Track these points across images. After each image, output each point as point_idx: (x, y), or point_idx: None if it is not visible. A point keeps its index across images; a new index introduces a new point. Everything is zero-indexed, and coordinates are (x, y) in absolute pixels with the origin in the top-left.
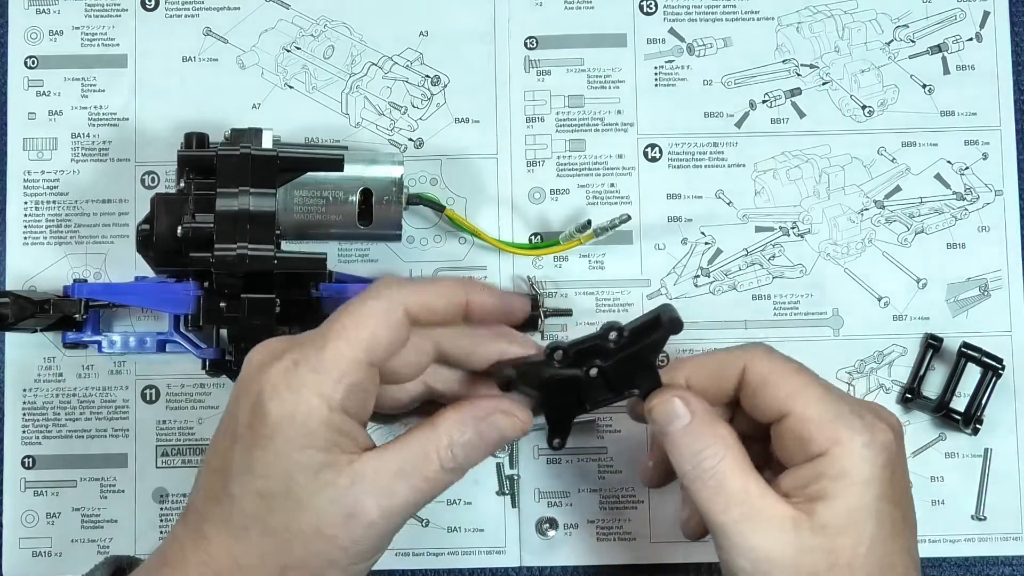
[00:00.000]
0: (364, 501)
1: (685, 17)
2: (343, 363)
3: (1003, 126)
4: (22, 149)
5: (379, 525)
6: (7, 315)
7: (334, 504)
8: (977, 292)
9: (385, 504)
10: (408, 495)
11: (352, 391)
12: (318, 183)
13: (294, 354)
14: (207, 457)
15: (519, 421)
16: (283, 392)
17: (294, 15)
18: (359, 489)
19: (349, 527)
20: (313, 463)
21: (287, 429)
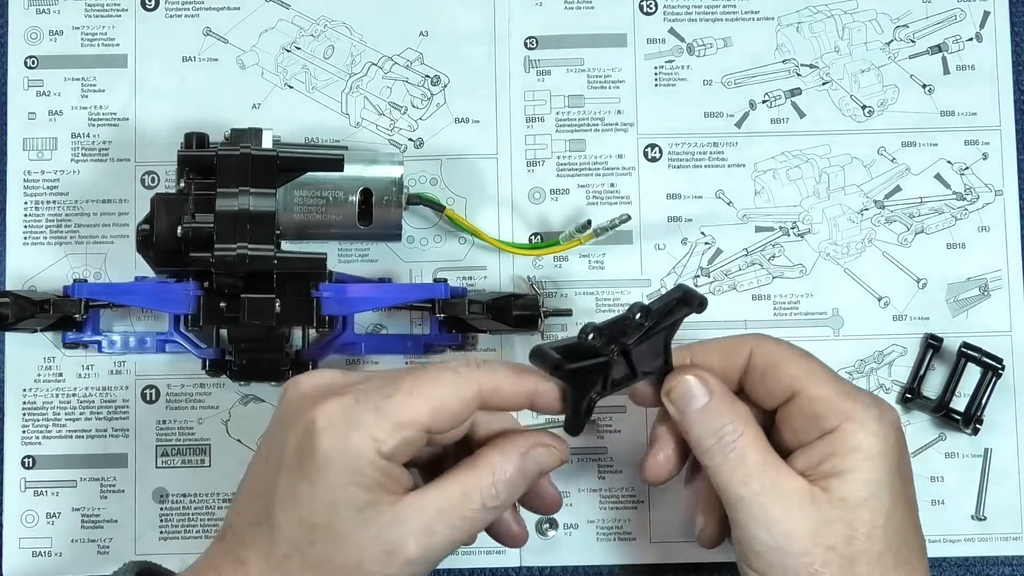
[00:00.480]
0: (405, 540)
1: (685, 17)
2: (405, 415)
3: (1003, 126)
4: (22, 149)
5: (417, 563)
6: (7, 315)
7: (375, 541)
8: (977, 292)
9: (424, 543)
10: (448, 534)
11: (405, 445)
12: (318, 183)
13: (356, 393)
14: (249, 480)
15: (557, 451)
16: (339, 426)
17: (294, 15)
18: (400, 528)
19: (388, 564)
20: (358, 500)
21: (337, 464)
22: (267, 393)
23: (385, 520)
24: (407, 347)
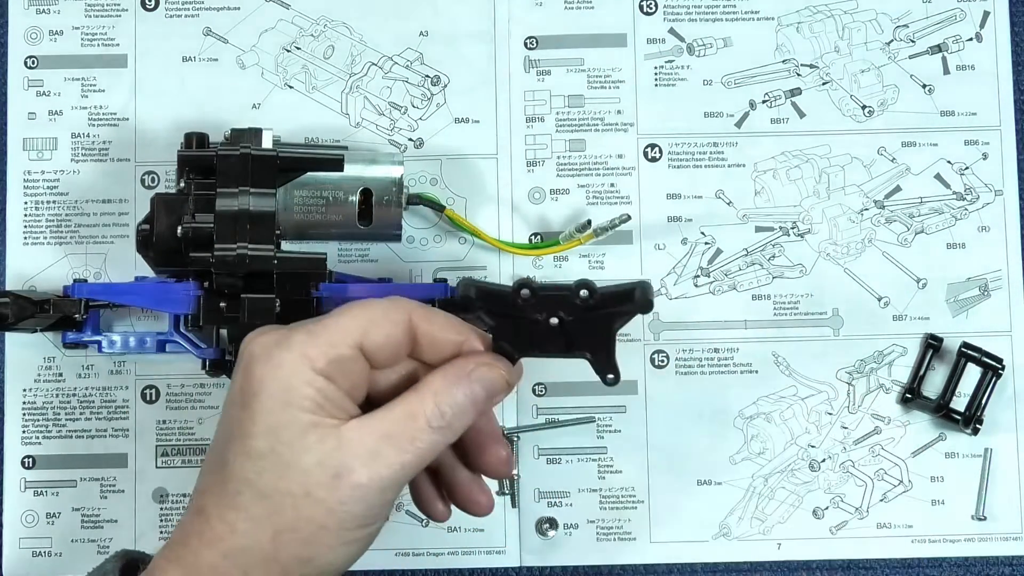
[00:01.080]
0: (350, 463)
1: (685, 17)
2: (337, 334)
3: (1003, 126)
4: (22, 149)
5: (367, 488)
6: (7, 315)
7: (320, 466)
8: (977, 292)
9: (372, 467)
10: (396, 457)
11: (338, 361)
12: (318, 183)
13: (289, 328)
14: (213, 437)
15: (503, 372)
16: (272, 352)
17: (294, 15)
18: (345, 452)
19: (337, 489)
20: (298, 423)
21: (270, 385)
22: None
23: (329, 444)
24: None
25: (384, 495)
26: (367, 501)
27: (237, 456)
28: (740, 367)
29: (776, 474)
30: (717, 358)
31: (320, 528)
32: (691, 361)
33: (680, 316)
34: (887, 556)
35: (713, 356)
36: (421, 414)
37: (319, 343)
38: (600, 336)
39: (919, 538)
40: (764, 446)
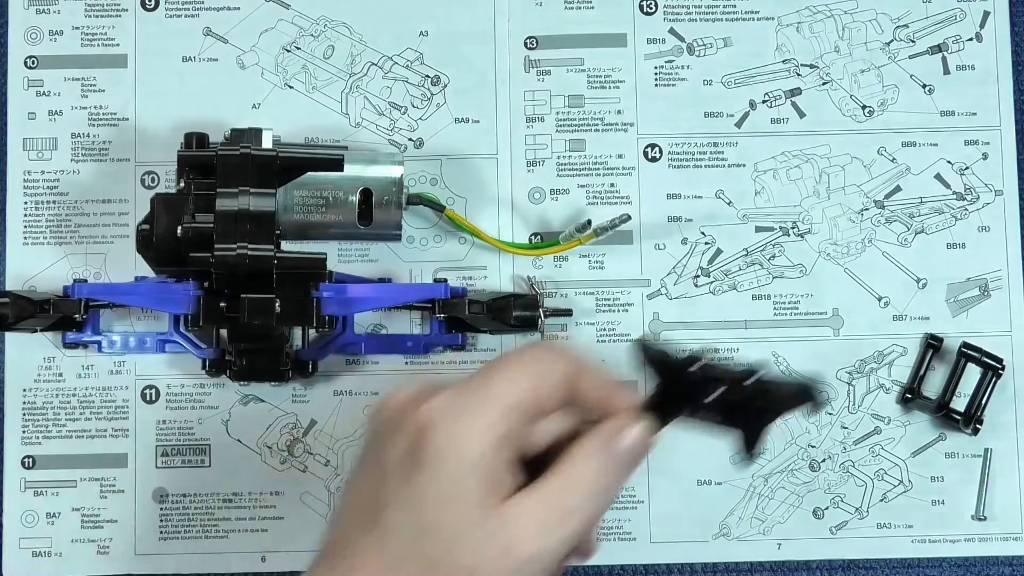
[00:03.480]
0: (519, 537)
1: (685, 17)
2: (510, 399)
3: (1003, 126)
4: (22, 149)
5: (533, 563)
6: (7, 315)
7: (490, 540)
8: (977, 292)
9: (539, 540)
10: (560, 529)
11: (512, 432)
12: (318, 183)
13: (457, 388)
14: (350, 498)
15: (650, 439)
16: (449, 419)
17: (294, 15)
18: (514, 526)
19: (505, 564)
20: (471, 496)
21: (449, 457)
22: (267, 393)
23: (497, 517)
24: (407, 347)
25: (551, 565)
26: (533, 573)
27: (403, 523)
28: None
29: (776, 474)
30: (717, 358)
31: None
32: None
33: (680, 316)
34: (887, 556)
35: (713, 356)
36: (580, 486)
37: (497, 410)
38: (757, 420)
39: (919, 538)
40: (764, 446)
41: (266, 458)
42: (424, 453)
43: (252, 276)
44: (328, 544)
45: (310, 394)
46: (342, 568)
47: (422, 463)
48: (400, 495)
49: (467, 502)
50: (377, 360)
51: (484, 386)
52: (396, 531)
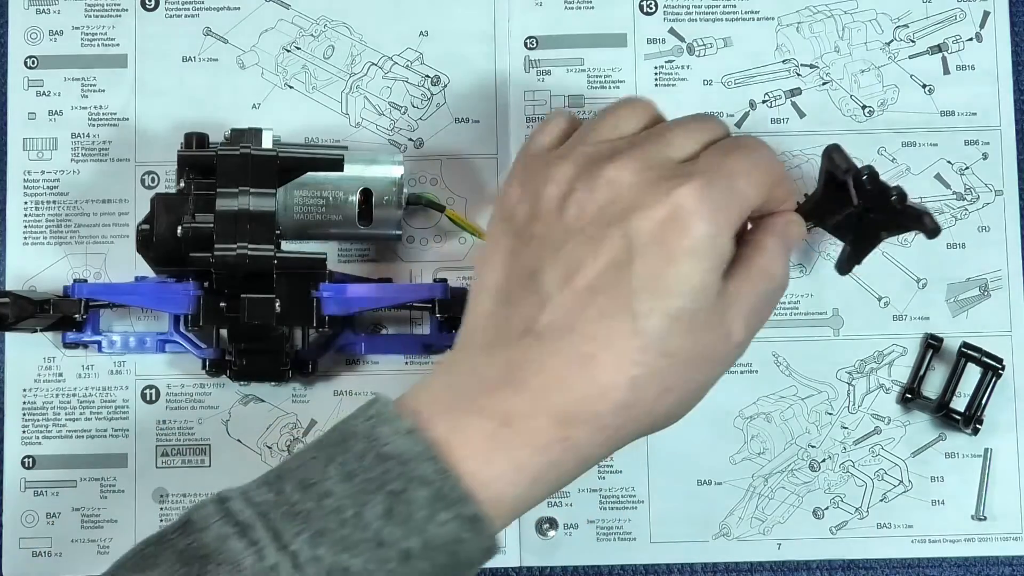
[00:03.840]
0: (737, 323)
1: (685, 17)
2: (752, 200)
3: (1003, 126)
4: (22, 149)
5: (741, 349)
6: (7, 315)
7: (719, 326)
8: (977, 292)
9: (749, 328)
10: (763, 317)
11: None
12: (318, 183)
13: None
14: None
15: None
16: (705, 213)
17: (294, 15)
18: (734, 314)
19: (726, 350)
20: (716, 286)
21: (706, 249)
22: (267, 393)
23: (722, 306)
24: (407, 347)
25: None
26: (733, 361)
27: (654, 311)
28: (740, 367)
29: (776, 474)
30: None
31: (701, 387)
32: None
33: None
34: (887, 556)
35: None
36: (775, 274)
37: (742, 209)
38: (872, 235)
39: (919, 538)
40: (764, 446)
41: (266, 458)
42: (682, 242)
43: (252, 276)
44: (537, 330)
45: (310, 394)
46: (570, 357)
47: (677, 253)
48: (653, 283)
49: (711, 293)
50: (377, 360)
51: (730, 185)
52: (645, 320)
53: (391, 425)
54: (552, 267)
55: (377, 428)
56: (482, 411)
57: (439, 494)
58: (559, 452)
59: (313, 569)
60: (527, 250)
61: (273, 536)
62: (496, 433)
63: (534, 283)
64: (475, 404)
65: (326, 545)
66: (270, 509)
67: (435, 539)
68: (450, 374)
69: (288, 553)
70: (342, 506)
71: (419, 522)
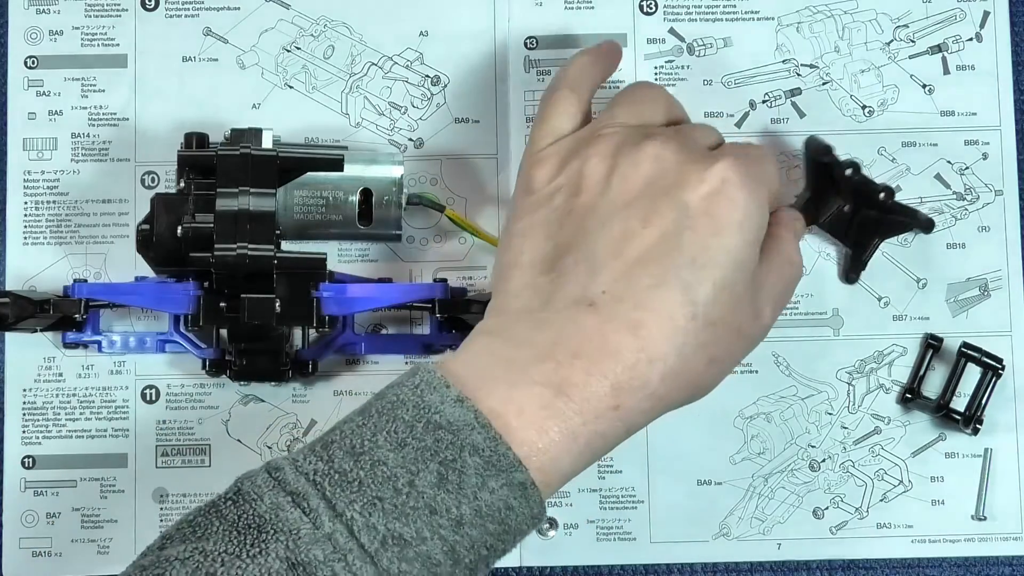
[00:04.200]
0: (766, 304)
1: (685, 17)
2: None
3: (1003, 126)
4: (22, 149)
5: (767, 328)
6: (7, 315)
7: (751, 303)
8: (977, 292)
9: (776, 309)
10: (786, 300)
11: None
12: (318, 183)
13: (741, 158)
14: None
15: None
16: (749, 188)
17: (294, 15)
18: (763, 295)
19: (755, 327)
20: (753, 261)
21: (750, 220)
22: (267, 393)
23: (756, 285)
24: (407, 347)
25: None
26: (755, 344)
27: (701, 281)
28: (740, 367)
29: (776, 474)
30: None
31: (734, 362)
32: None
33: None
34: (887, 556)
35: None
36: (795, 261)
37: (772, 191)
38: (869, 237)
39: (919, 538)
40: (764, 446)
41: (266, 458)
42: (731, 215)
43: (252, 276)
44: (589, 297)
45: (310, 394)
46: (619, 325)
47: (725, 224)
48: (696, 254)
49: (749, 267)
50: (377, 360)
51: (762, 166)
52: (693, 290)
53: (439, 393)
54: (602, 238)
55: (425, 396)
56: (536, 380)
57: (490, 462)
58: (610, 421)
59: (368, 536)
60: (571, 223)
61: (327, 504)
62: (551, 402)
63: (582, 254)
64: (528, 373)
65: (380, 513)
66: (322, 477)
67: (486, 506)
68: (495, 342)
69: (343, 521)
70: (395, 475)
71: (471, 490)
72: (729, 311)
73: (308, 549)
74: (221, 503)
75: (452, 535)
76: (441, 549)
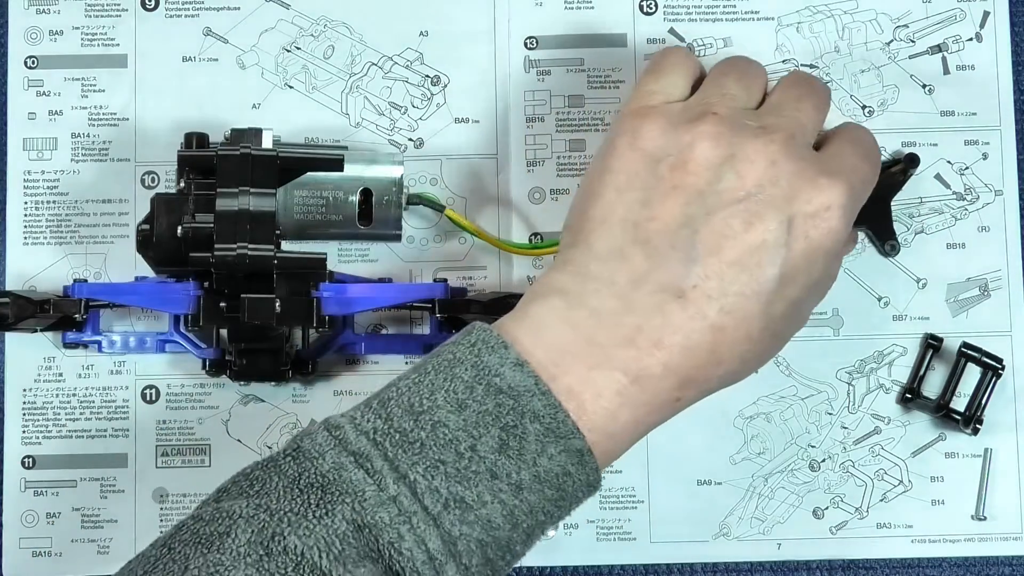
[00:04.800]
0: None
1: (685, 17)
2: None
3: (1003, 126)
4: (22, 149)
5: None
6: (7, 315)
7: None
8: (977, 292)
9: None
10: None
11: None
12: (318, 183)
13: (851, 189)
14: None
15: None
16: (847, 214)
17: (294, 15)
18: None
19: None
20: (826, 280)
21: (835, 250)
22: (267, 393)
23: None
24: (407, 347)
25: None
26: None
27: (783, 300)
28: None
29: (776, 474)
30: None
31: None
32: None
33: None
34: (887, 556)
35: None
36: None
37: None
38: (877, 206)
39: (919, 538)
40: (764, 446)
41: None
42: (825, 241)
43: (252, 276)
44: (701, 290)
45: (310, 394)
46: (720, 322)
47: (819, 249)
48: (792, 270)
49: (822, 291)
50: (377, 360)
51: (864, 190)
52: (775, 304)
53: (498, 355)
54: (705, 229)
55: (484, 356)
56: (617, 365)
57: (549, 428)
58: (669, 412)
59: (431, 499)
60: (673, 199)
61: (391, 466)
62: (626, 389)
63: (681, 239)
64: (610, 357)
65: (442, 476)
66: (383, 437)
67: (544, 472)
68: (574, 311)
69: (407, 483)
70: (457, 438)
71: (530, 456)
72: (792, 326)
73: (375, 511)
74: (281, 459)
75: (512, 499)
76: (501, 513)
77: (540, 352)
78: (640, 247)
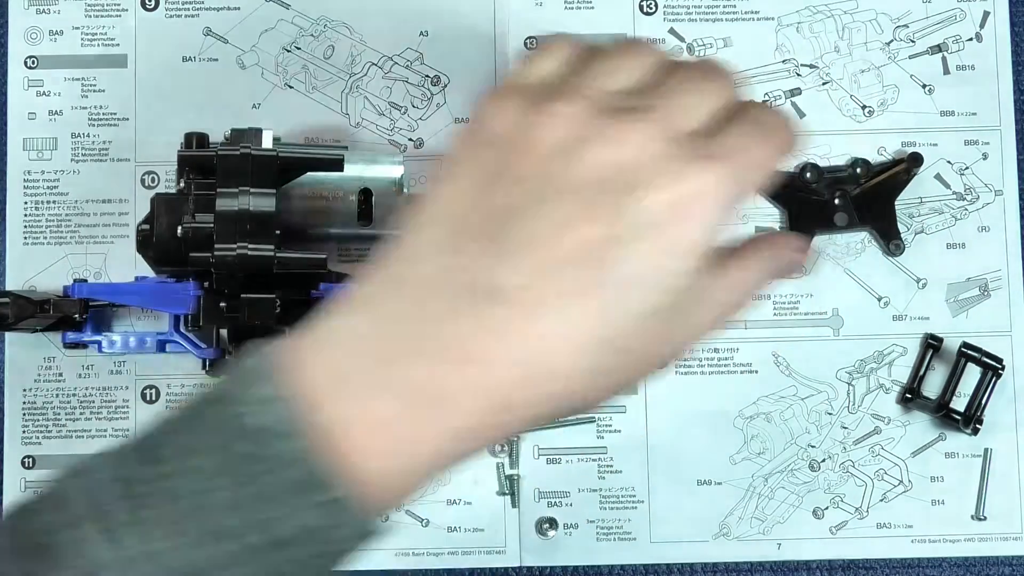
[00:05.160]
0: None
1: (685, 17)
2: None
3: (1003, 126)
4: (22, 149)
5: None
6: (7, 315)
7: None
8: (977, 292)
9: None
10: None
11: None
12: (318, 183)
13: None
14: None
15: (801, 256)
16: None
17: (294, 15)
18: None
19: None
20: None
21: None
22: None
23: (691, 309)
24: None
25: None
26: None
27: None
28: (740, 367)
29: (776, 474)
30: (717, 358)
31: (631, 385)
32: (691, 361)
33: None
34: (887, 556)
35: (713, 356)
36: (741, 304)
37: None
38: (881, 206)
39: (919, 538)
40: (764, 446)
41: None
42: (685, 235)
43: (252, 276)
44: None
45: None
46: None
47: (677, 244)
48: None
49: (692, 298)
50: None
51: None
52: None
53: (255, 387)
54: (533, 219)
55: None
56: (405, 385)
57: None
58: (483, 439)
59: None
60: (504, 188)
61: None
62: (421, 415)
63: (503, 230)
64: (396, 375)
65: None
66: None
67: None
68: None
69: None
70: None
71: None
72: (648, 341)
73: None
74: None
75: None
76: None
77: (319, 375)
78: (454, 240)
